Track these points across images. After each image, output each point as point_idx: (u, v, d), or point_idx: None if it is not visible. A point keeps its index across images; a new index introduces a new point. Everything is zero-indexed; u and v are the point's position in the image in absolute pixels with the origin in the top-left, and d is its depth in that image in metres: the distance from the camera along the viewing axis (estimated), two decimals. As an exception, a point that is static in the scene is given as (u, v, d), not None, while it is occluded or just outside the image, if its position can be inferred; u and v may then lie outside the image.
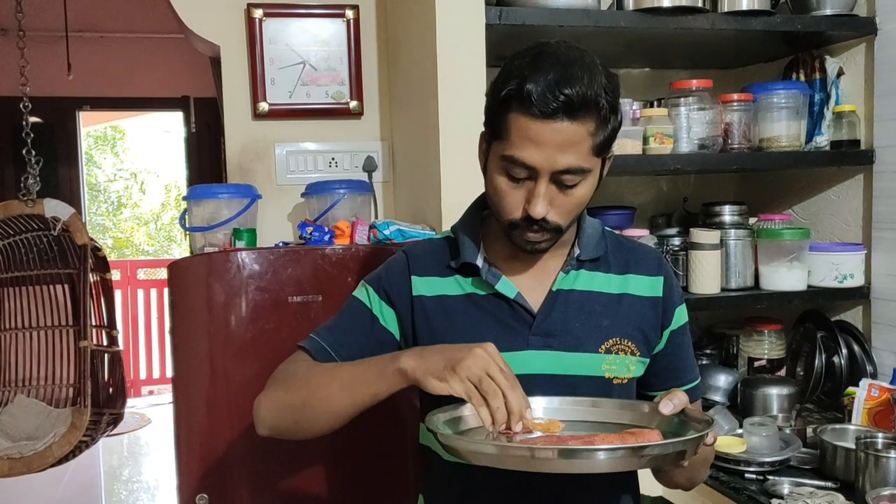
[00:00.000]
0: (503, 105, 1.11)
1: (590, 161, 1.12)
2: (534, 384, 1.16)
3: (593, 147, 1.11)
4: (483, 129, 1.21)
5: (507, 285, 1.22)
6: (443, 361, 1.04)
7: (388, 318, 1.25)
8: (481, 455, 0.99)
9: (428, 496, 1.32)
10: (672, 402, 1.10)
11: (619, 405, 1.17)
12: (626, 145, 2.02)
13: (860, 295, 2.20)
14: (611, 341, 1.22)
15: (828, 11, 2.14)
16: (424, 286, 1.24)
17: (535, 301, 1.22)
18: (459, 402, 1.13)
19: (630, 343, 1.23)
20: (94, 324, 2.39)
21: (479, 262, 1.23)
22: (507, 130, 1.11)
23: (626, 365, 1.23)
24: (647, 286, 1.26)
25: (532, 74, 1.08)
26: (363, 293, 1.27)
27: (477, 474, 1.19)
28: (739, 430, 1.91)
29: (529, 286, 1.23)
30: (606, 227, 1.31)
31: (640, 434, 1.03)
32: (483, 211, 1.29)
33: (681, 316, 1.30)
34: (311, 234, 1.98)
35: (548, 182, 1.11)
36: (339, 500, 1.87)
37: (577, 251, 1.24)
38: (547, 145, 1.08)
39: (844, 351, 2.18)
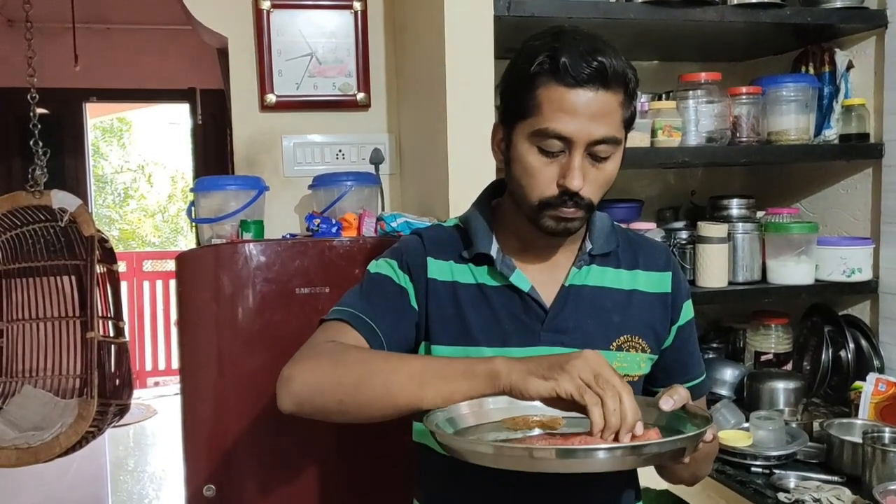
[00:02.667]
0: (532, 81, 1.10)
1: (621, 132, 1.12)
2: None
3: (623, 120, 1.11)
4: (496, 121, 1.20)
5: (521, 278, 1.20)
6: (547, 363, 0.96)
7: (410, 294, 1.21)
8: (480, 455, 0.97)
9: (423, 493, 1.31)
10: (672, 399, 1.07)
11: None
12: (634, 138, 2.02)
13: (868, 289, 2.19)
14: (622, 338, 1.21)
15: (838, 4, 2.13)
16: (438, 270, 1.21)
17: (547, 296, 1.20)
18: None
19: (641, 340, 1.22)
20: (100, 315, 2.40)
21: (494, 252, 1.20)
22: (539, 105, 1.10)
23: (637, 363, 1.22)
24: (655, 282, 1.26)
25: (562, 46, 1.08)
26: (386, 268, 1.22)
27: (472, 471, 1.19)
28: (746, 424, 1.91)
29: (541, 280, 1.21)
30: (614, 222, 1.30)
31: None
32: (493, 201, 1.28)
33: (688, 311, 1.29)
34: (318, 226, 1.98)
35: (583, 153, 1.10)
36: (344, 489, 1.87)
37: (588, 246, 1.22)
38: (581, 114, 1.07)
39: (851, 345, 2.17)
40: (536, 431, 1.06)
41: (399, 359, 1.08)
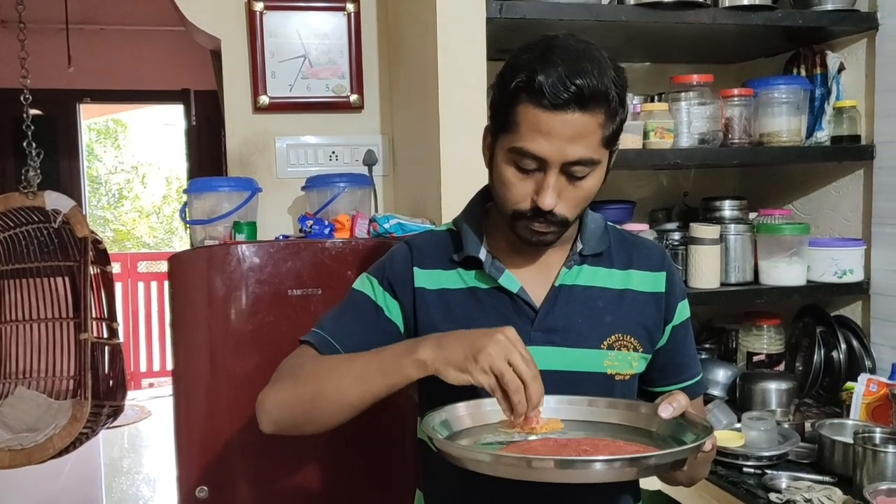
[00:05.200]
0: (512, 97, 1.10)
1: (599, 152, 1.11)
2: None
3: (603, 139, 1.11)
4: (487, 123, 1.21)
5: (510, 279, 1.21)
6: (463, 351, 1.02)
7: (392, 309, 1.23)
8: (477, 462, 0.98)
9: (426, 491, 1.31)
10: (672, 406, 1.09)
11: (615, 405, 1.16)
12: (626, 140, 2.02)
13: (859, 290, 2.20)
14: (613, 337, 1.21)
15: (829, 6, 2.13)
16: (426, 279, 1.24)
17: (537, 296, 1.21)
18: (456, 399, 1.13)
19: (632, 339, 1.23)
20: (94, 316, 2.39)
21: (483, 255, 1.22)
22: (517, 122, 1.10)
23: (628, 361, 1.22)
24: (649, 282, 1.26)
25: (542, 67, 1.07)
26: (366, 285, 1.26)
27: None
28: (738, 425, 1.92)
29: (532, 281, 1.22)
30: (609, 222, 1.30)
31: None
32: (486, 203, 1.28)
33: (683, 311, 1.30)
34: (311, 227, 1.98)
35: (557, 173, 1.10)
36: (338, 492, 1.87)
37: (579, 246, 1.23)
38: (557, 137, 1.08)
39: (843, 346, 2.18)
40: (533, 437, 1.07)
41: (346, 361, 1.14)
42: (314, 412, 1.13)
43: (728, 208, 2.29)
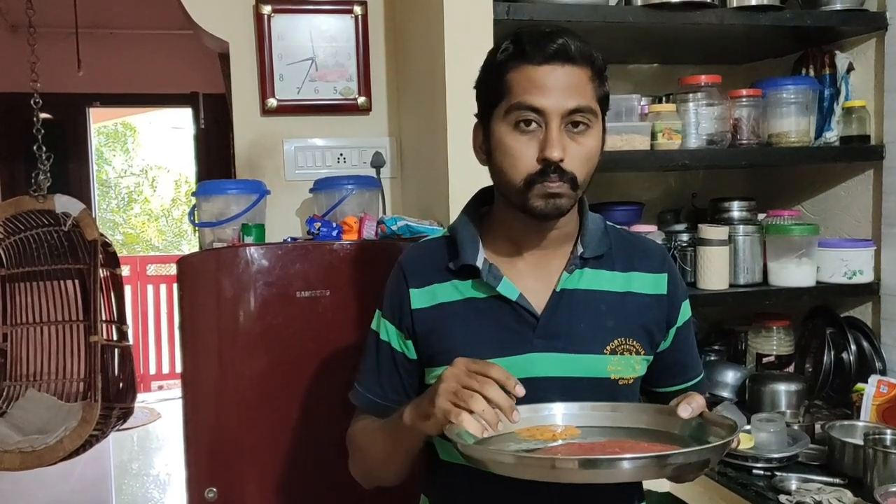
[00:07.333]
0: (500, 69, 1.13)
1: (595, 105, 1.13)
2: (538, 387, 1.14)
3: (595, 94, 1.13)
4: (475, 125, 1.22)
5: (509, 287, 1.18)
6: (427, 399, 1.05)
7: (408, 347, 1.23)
8: (501, 464, 0.98)
9: (431, 497, 1.31)
10: (690, 406, 1.08)
11: (637, 409, 1.15)
12: (634, 141, 2.02)
13: (869, 291, 2.19)
14: (616, 342, 1.20)
15: (838, 6, 2.13)
16: (422, 298, 1.22)
17: (538, 302, 1.19)
18: None
19: (635, 343, 1.21)
20: (104, 319, 2.41)
21: (479, 262, 1.19)
22: (510, 86, 1.12)
23: (631, 365, 1.21)
24: (651, 284, 1.25)
25: (524, 32, 1.13)
26: (381, 326, 1.26)
27: (481, 474, 1.19)
28: (747, 427, 1.91)
29: (532, 287, 1.20)
30: (609, 222, 1.28)
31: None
32: (482, 207, 1.27)
33: (685, 311, 1.29)
34: (319, 229, 1.98)
35: (559, 125, 1.10)
36: (344, 495, 1.87)
37: (580, 249, 1.21)
38: (552, 88, 1.10)
39: (853, 347, 2.17)
40: (558, 442, 1.06)
41: (372, 439, 1.23)
42: (379, 479, 1.27)
43: (737, 209, 2.28)
